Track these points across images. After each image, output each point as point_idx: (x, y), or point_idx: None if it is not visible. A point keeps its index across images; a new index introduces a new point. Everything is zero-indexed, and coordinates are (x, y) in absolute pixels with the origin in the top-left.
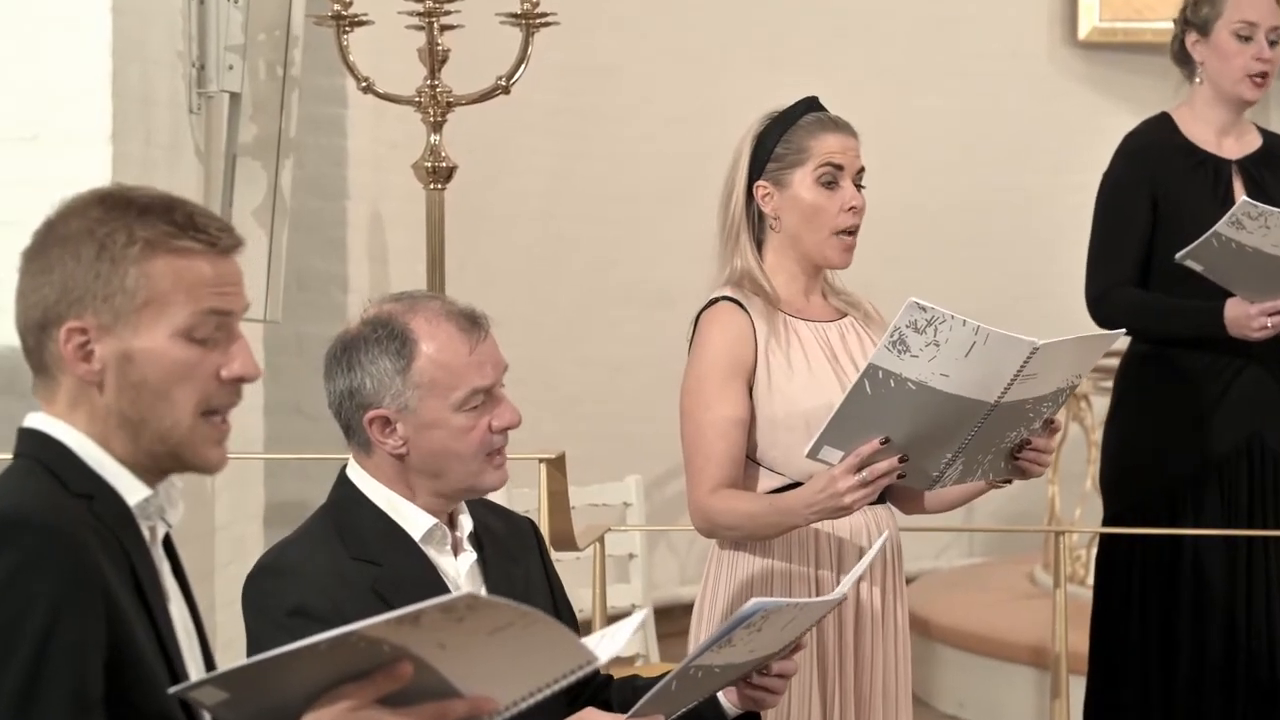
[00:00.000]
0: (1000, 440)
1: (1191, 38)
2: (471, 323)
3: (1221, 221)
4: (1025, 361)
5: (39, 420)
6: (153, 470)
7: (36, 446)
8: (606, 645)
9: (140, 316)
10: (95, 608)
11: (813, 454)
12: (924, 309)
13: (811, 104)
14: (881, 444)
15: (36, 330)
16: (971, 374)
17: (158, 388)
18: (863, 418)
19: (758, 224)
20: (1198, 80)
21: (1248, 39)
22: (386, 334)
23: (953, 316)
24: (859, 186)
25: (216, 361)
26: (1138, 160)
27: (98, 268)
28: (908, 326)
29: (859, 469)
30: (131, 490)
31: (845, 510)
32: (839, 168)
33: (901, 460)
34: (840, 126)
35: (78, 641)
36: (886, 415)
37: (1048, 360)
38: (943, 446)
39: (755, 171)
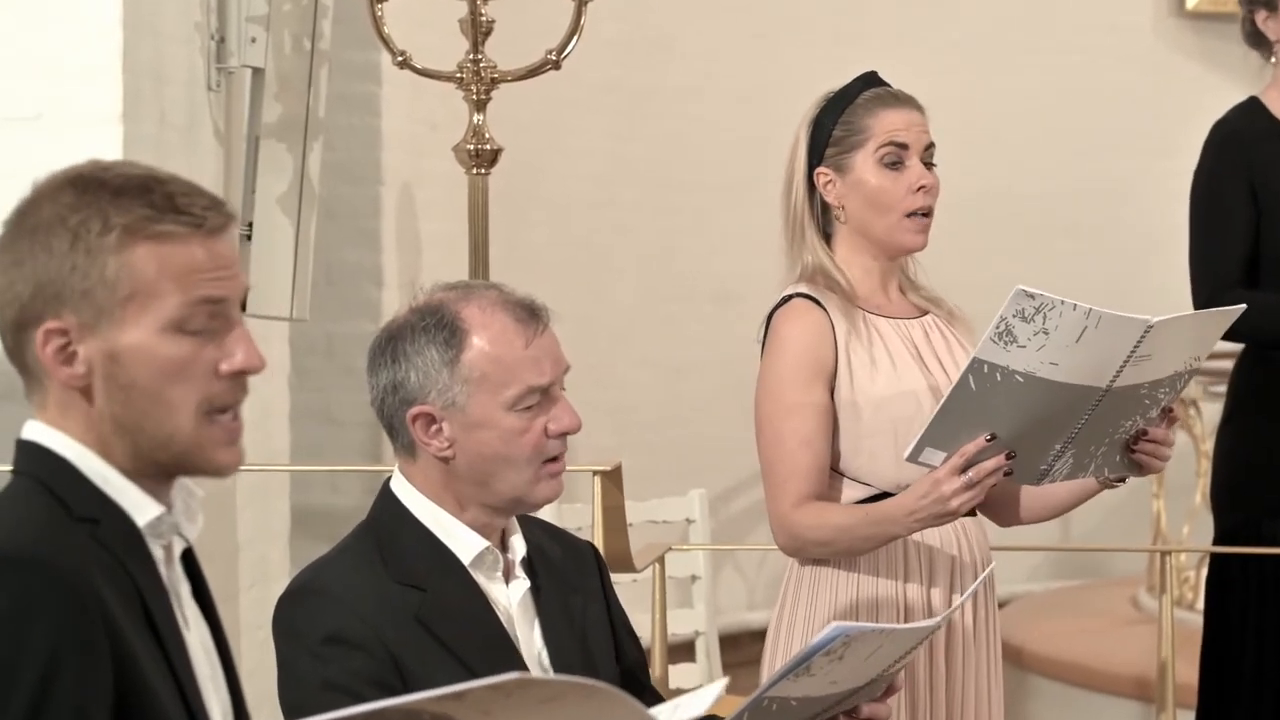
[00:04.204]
0: (1114, 430)
1: (1261, 15)
2: (530, 314)
3: None
4: (1139, 342)
5: (38, 431)
6: (161, 477)
7: (36, 462)
8: (681, 715)
9: (124, 311)
10: (98, 651)
11: (913, 457)
12: (1031, 296)
13: (870, 79)
14: (987, 441)
15: (14, 330)
16: (1082, 360)
17: (150, 389)
18: (966, 415)
19: (823, 215)
20: (1273, 60)
21: None
22: (435, 323)
23: (1062, 301)
24: (929, 165)
25: (214, 355)
26: (1230, 149)
27: (73, 260)
28: (1014, 316)
29: (964, 469)
30: (140, 509)
31: (951, 515)
32: (903, 146)
33: (1008, 457)
34: (902, 101)
35: (79, 690)
36: (992, 411)
37: (1162, 340)
38: (1051, 438)
39: (815, 158)
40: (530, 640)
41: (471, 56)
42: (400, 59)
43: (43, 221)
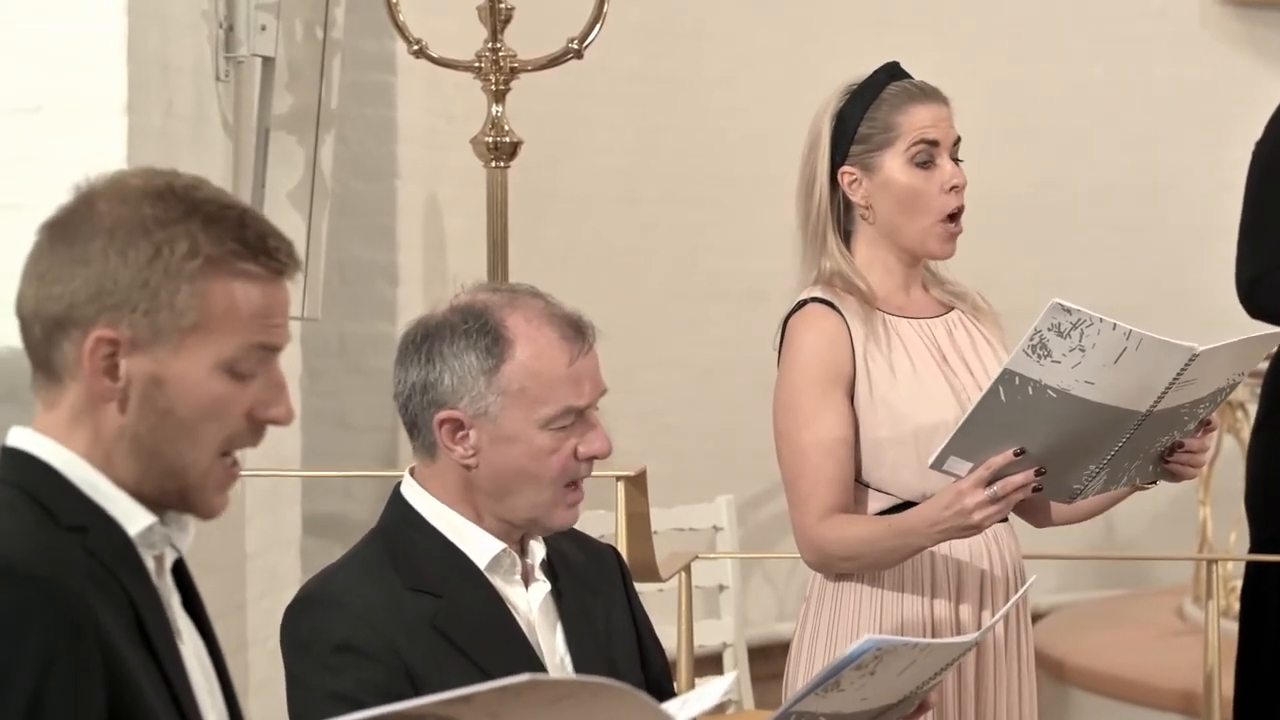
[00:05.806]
0: (1151, 446)
1: None
2: (576, 331)
3: None
4: (1183, 369)
5: (25, 439)
6: (153, 502)
7: (21, 471)
8: (690, 709)
9: (183, 340)
10: (90, 664)
11: (938, 465)
12: (1068, 311)
13: (893, 71)
14: (1016, 455)
15: (51, 324)
16: (1121, 382)
17: (185, 420)
18: (995, 427)
19: (844, 214)
20: None
21: None
22: (478, 327)
23: (1101, 319)
24: (956, 160)
25: (250, 399)
26: None
27: (148, 275)
28: (1050, 329)
29: (989, 482)
30: (131, 517)
31: (974, 529)
32: (934, 143)
33: (1038, 473)
34: (929, 95)
35: (71, 704)
36: (1022, 424)
37: (1207, 365)
38: (1086, 458)
39: (838, 155)
40: (552, 645)
41: (490, 45)
42: (416, 48)
43: (121, 225)
